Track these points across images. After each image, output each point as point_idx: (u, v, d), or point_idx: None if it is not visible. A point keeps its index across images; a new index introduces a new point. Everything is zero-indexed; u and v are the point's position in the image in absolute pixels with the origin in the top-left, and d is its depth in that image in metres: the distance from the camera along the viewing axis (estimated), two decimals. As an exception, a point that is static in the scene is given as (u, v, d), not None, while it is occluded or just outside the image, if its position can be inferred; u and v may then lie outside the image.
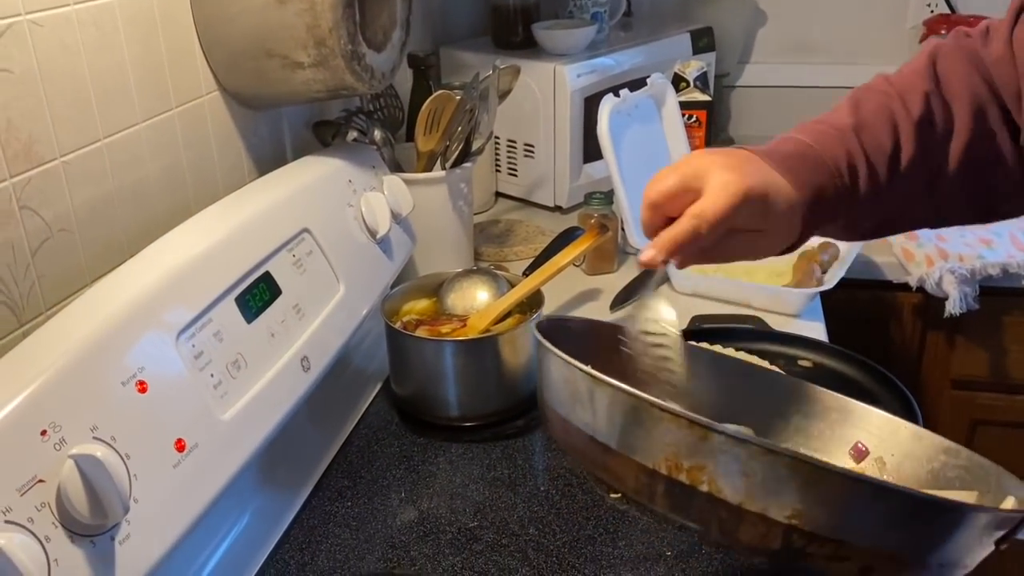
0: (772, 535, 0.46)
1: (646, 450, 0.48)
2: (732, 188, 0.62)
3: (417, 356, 0.98)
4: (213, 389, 0.70)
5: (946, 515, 0.48)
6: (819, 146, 0.69)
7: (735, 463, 0.46)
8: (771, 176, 0.65)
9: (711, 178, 0.63)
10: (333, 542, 0.82)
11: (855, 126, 0.70)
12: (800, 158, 0.68)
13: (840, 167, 0.68)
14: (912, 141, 0.69)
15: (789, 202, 0.65)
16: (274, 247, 0.82)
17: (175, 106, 0.87)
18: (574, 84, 1.44)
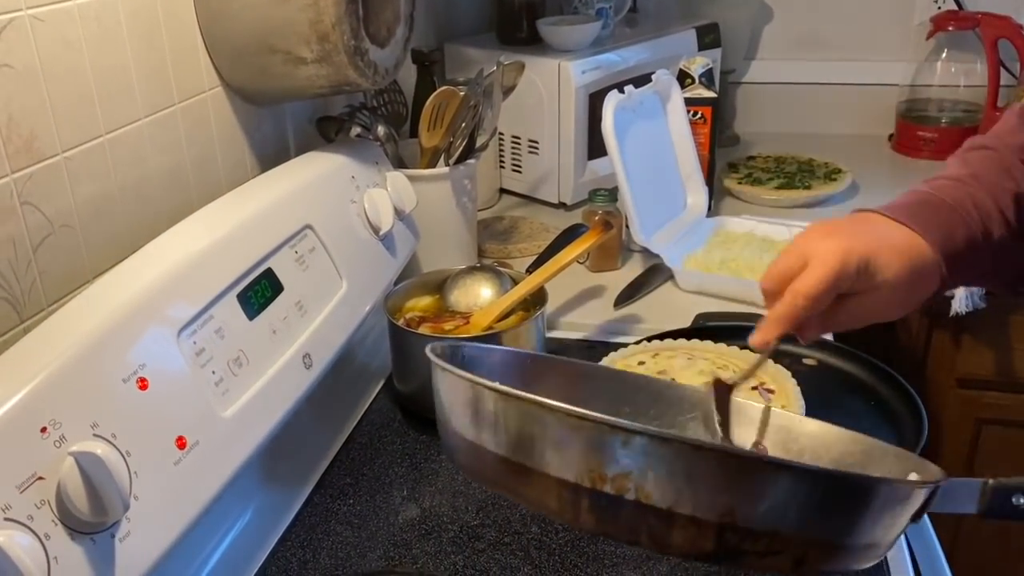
0: (705, 536, 0.45)
1: (566, 463, 0.46)
2: (829, 258, 0.63)
3: (419, 353, 0.97)
4: (214, 386, 0.70)
5: (872, 492, 0.49)
6: (940, 193, 0.68)
7: (662, 465, 0.44)
8: (885, 234, 0.65)
9: (814, 251, 0.64)
10: (335, 540, 0.82)
11: (972, 175, 0.70)
12: (922, 205, 0.68)
13: (966, 207, 0.67)
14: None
15: (907, 255, 0.65)
16: (276, 243, 0.82)
17: (178, 102, 0.87)
18: (579, 80, 1.43)
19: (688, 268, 1.25)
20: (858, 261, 0.63)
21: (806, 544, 0.47)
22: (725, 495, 0.44)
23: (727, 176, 1.61)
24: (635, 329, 1.15)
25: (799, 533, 0.46)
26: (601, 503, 0.45)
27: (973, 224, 0.67)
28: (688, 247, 1.31)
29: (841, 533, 0.49)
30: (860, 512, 0.49)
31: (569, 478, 0.45)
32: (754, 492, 0.45)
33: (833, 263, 0.62)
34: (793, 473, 0.47)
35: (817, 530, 0.48)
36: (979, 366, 1.40)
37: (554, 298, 1.21)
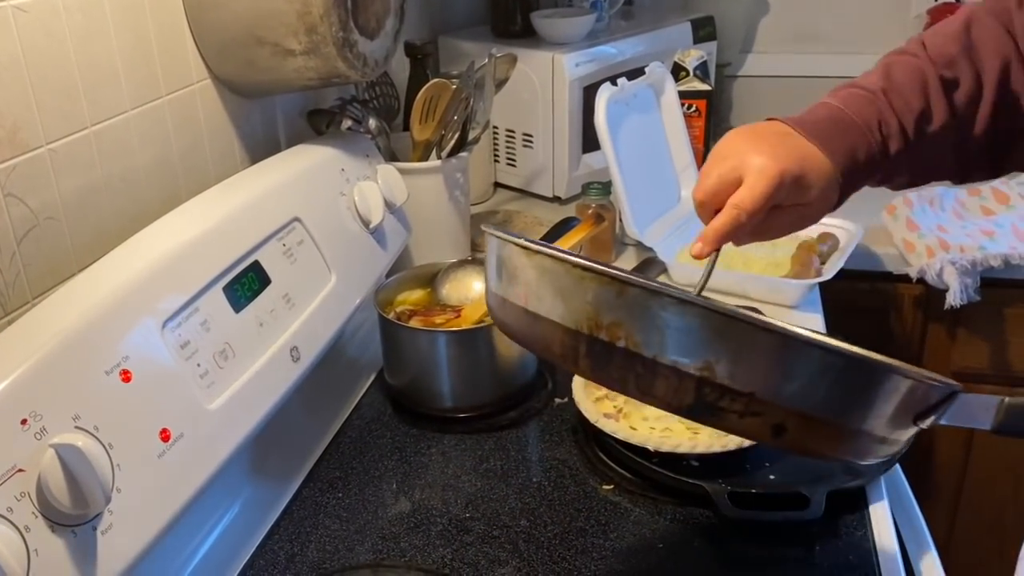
0: (685, 388, 0.48)
1: (570, 312, 0.50)
2: (768, 172, 0.66)
3: (410, 347, 0.97)
4: (199, 379, 0.69)
5: (857, 373, 0.48)
6: (850, 109, 0.72)
7: (649, 315, 0.47)
8: (805, 152, 0.69)
9: (747, 166, 0.67)
10: (323, 533, 0.82)
11: (885, 89, 0.73)
12: (833, 123, 0.71)
13: (872, 128, 0.71)
14: (941, 105, 0.72)
15: (825, 174, 0.69)
16: (264, 236, 0.81)
17: (165, 94, 0.87)
18: (573, 73, 1.43)
19: (681, 261, 1.24)
20: (791, 179, 0.67)
21: (788, 414, 0.48)
22: (704, 349, 0.47)
23: (722, 169, 1.60)
24: (628, 322, 1.15)
25: (777, 399, 0.47)
26: (596, 349, 0.49)
27: (874, 144, 0.71)
28: (682, 240, 1.30)
29: (824, 409, 0.49)
30: (847, 391, 0.48)
31: (570, 325, 0.50)
32: (731, 350, 0.47)
33: (772, 179, 0.66)
34: (772, 336, 0.47)
35: (798, 400, 0.48)
36: (974, 359, 1.39)
37: (547, 291, 1.21)
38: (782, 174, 0.66)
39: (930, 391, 0.53)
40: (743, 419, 0.48)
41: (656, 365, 0.48)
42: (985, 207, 1.40)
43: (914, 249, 1.30)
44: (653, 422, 0.89)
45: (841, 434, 0.50)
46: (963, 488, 1.48)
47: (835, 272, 1.15)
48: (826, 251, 1.23)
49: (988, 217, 1.38)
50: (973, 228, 1.34)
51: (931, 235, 1.31)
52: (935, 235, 1.31)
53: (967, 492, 1.48)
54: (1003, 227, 1.33)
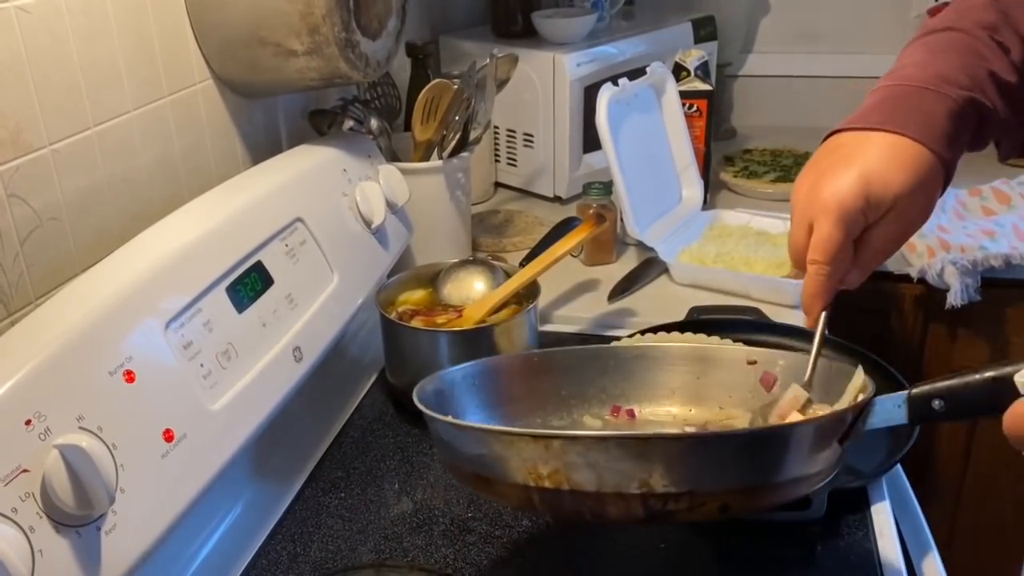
0: (633, 506, 0.53)
1: (511, 470, 0.55)
2: (828, 210, 0.60)
3: (412, 347, 0.97)
4: (203, 379, 0.69)
5: (765, 443, 0.55)
6: (906, 81, 0.64)
7: (579, 458, 0.53)
8: (866, 153, 0.61)
9: (812, 209, 0.62)
10: (325, 533, 0.82)
11: (938, 54, 0.66)
12: (891, 101, 0.64)
13: (938, 84, 0.63)
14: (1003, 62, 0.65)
15: (902, 160, 0.61)
16: (266, 236, 0.82)
17: (167, 94, 0.87)
18: (574, 73, 1.43)
19: (683, 261, 1.25)
20: (855, 197, 0.60)
21: (726, 493, 0.54)
22: (636, 470, 0.52)
23: (723, 169, 1.61)
24: (629, 323, 1.15)
25: (712, 488, 0.53)
26: (547, 496, 0.55)
27: (949, 97, 0.63)
28: (683, 240, 1.30)
29: (754, 479, 0.54)
30: (766, 459, 0.54)
31: (517, 480, 0.55)
32: (659, 463, 0.52)
33: (833, 214, 0.60)
34: (686, 441, 0.55)
35: (736, 479, 0.54)
36: (975, 360, 1.39)
37: (548, 291, 1.21)
38: (841, 199, 0.59)
39: (840, 420, 0.56)
40: (692, 512, 0.53)
41: (601, 496, 0.53)
42: (986, 207, 1.40)
43: (915, 249, 1.31)
44: (654, 422, 0.89)
45: (778, 488, 0.55)
46: (964, 488, 1.48)
47: (836, 272, 1.15)
48: (827, 251, 1.23)
49: (989, 217, 1.38)
50: (974, 228, 1.34)
51: (932, 235, 1.31)
52: (936, 235, 1.31)
53: (968, 492, 1.48)
54: (1004, 227, 1.33)
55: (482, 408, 0.73)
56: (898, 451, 0.86)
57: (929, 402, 0.56)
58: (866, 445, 0.88)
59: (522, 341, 0.99)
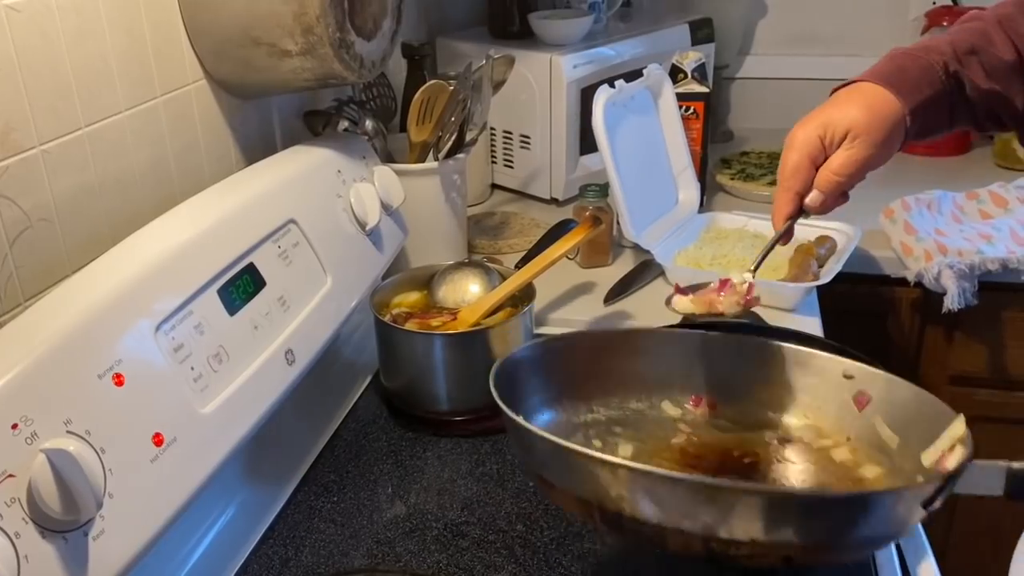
0: (693, 544, 0.52)
1: (578, 486, 0.56)
2: (793, 140, 0.80)
3: (406, 349, 0.97)
4: (193, 382, 0.69)
5: (843, 507, 0.52)
6: (914, 51, 0.80)
7: (644, 492, 0.52)
8: (837, 102, 0.79)
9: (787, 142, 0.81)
10: (318, 537, 0.81)
11: (948, 41, 0.80)
12: (898, 69, 0.79)
13: (927, 53, 0.79)
14: (1002, 38, 0.78)
15: (880, 109, 0.77)
16: (259, 238, 0.81)
17: (160, 95, 0.86)
18: (570, 75, 1.42)
19: (679, 264, 1.24)
20: (814, 127, 0.78)
21: (791, 547, 0.52)
22: (701, 515, 0.51)
23: (720, 172, 1.60)
24: (625, 325, 1.14)
25: (776, 541, 0.51)
26: (607, 515, 0.54)
27: (923, 59, 0.79)
28: (680, 243, 1.30)
29: (823, 538, 0.52)
30: (839, 522, 0.51)
31: (580, 495, 0.55)
32: (723, 512, 0.51)
33: (794, 141, 0.79)
34: (756, 497, 0.52)
35: (796, 537, 0.51)
36: (972, 363, 1.39)
37: (544, 294, 1.20)
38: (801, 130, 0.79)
39: (924, 488, 0.54)
40: (752, 559, 0.52)
41: (663, 528, 0.53)
42: (983, 211, 1.40)
43: (912, 252, 1.30)
44: (650, 426, 0.88)
45: (847, 548, 0.54)
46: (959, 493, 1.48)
47: (832, 276, 1.15)
48: (824, 254, 1.23)
49: (986, 221, 1.38)
50: (971, 232, 1.33)
51: (929, 239, 1.31)
52: (933, 239, 1.31)
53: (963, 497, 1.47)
54: (1001, 231, 1.33)
55: (557, 387, 0.73)
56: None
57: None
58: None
59: (517, 343, 0.98)
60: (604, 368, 0.74)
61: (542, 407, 0.71)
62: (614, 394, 0.74)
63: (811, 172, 0.77)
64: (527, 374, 0.72)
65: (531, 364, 0.72)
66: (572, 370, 0.74)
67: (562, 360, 0.74)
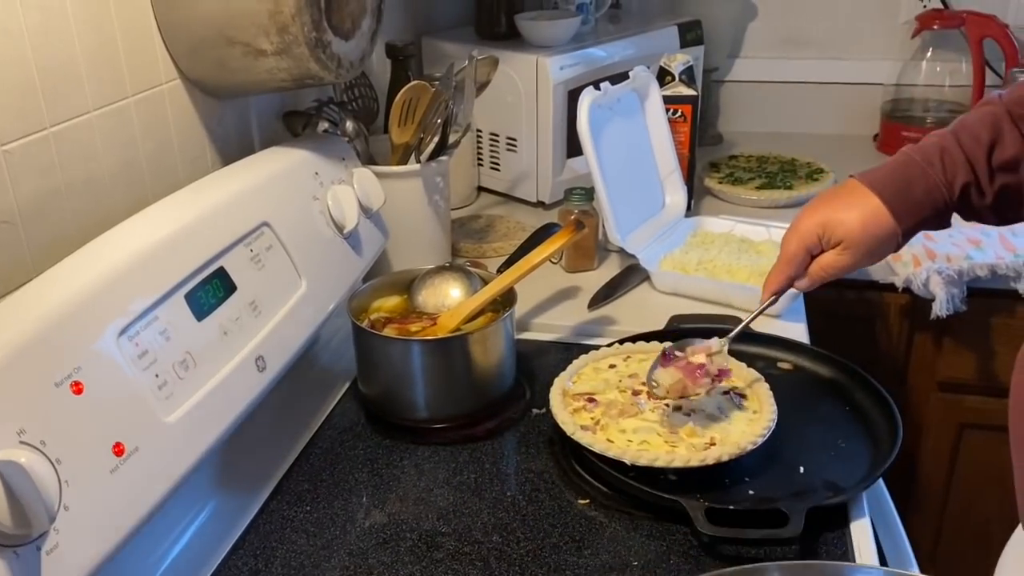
0: None
1: None
2: (796, 231, 0.86)
3: (384, 356, 0.95)
4: (157, 390, 0.67)
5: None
6: (916, 152, 0.82)
7: None
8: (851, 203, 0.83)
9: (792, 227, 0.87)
10: (289, 548, 0.79)
11: (955, 130, 0.82)
12: (897, 175, 0.83)
13: (932, 162, 0.81)
14: (1013, 135, 0.79)
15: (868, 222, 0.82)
16: (230, 241, 0.79)
17: (131, 95, 0.84)
18: (557, 77, 1.41)
19: (664, 269, 1.23)
20: (815, 226, 0.84)
21: None
22: None
23: (708, 175, 1.59)
24: (608, 331, 1.13)
25: None
26: None
27: (936, 180, 0.81)
28: (666, 247, 1.28)
29: None
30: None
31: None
32: None
33: (796, 233, 0.86)
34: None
35: None
36: (961, 370, 1.38)
37: (528, 299, 1.19)
38: (804, 226, 0.85)
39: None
40: None
41: None
42: (972, 216, 1.39)
43: (900, 258, 1.29)
44: (631, 435, 0.87)
45: None
46: (949, 500, 1.46)
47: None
48: (811, 259, 1.21)
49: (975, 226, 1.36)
50: (960, 237, 1.32)
51: (917, 244, 1.29)
52: (921, 244, 1.30)
53: (953, 504, 1.46)
54: (990, 236, 1.31)
55: None
56: (880, 464, 0.84)
57: None
58: (847, 459, 0.86)
59: (498, 350, 0.96)
60: None
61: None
62: None
63: (806, 260, 0.86)
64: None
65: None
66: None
67: None
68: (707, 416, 0.88)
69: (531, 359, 1.07)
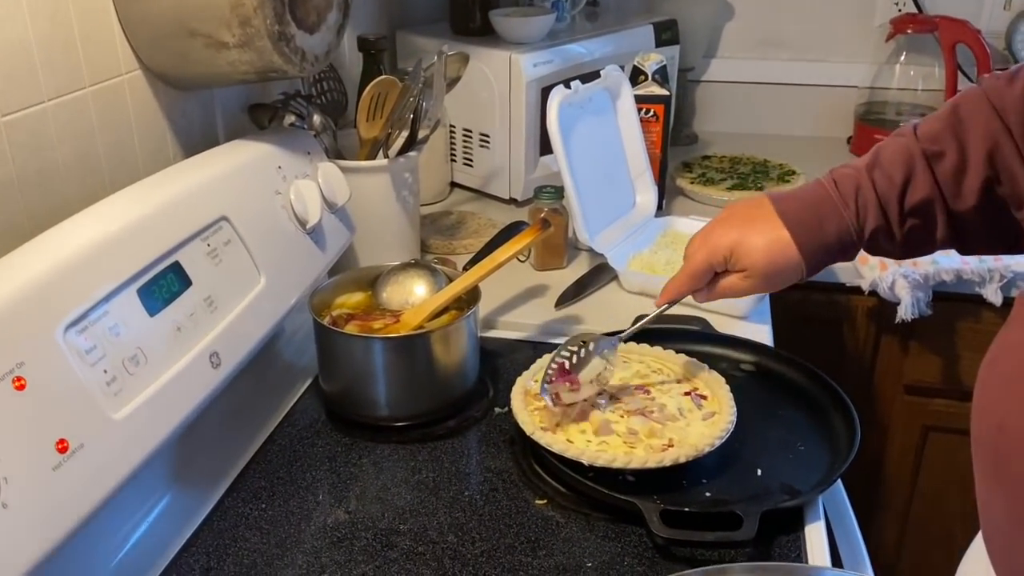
0: None
1: None
2: (703, 249, 0.85)
3: (345, 353, 0.94)
4: (105, 386, 0.66)
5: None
6: (831, 187, 0.81)
7: None
8: (761, 229, 0.82)
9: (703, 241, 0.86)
10: (242, 546, 0.78)
11: (870, 166, 0.80)
12: (811, 208, 0.81)
13: (848, 203, 0.79)
14: (924, 176, 0.77)
15: (773, 252, 0.81)
16: (186, 235, 0.78)
17: (88, 85, 0.83)
18: (530, 74, 1.40)
19: (632, 269, 1.22)
20: (724, 249, 0.83)
21: None
22: None
23: (680, 175, 1.59)
24: (574, 330, 1.12)
25: None
26: None
27: (848, 220, 0.79)
28: (635, 247, 1.28)
29: None
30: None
31: None
32: None
33: (703, 251, 0.85)
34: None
35: None
36: (926, 373, 1.38)
37: (495, 296, 1.18)
38: (714, 247, 0.84)
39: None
40: None
41: None
42: (940, 220, 1.39)
43: (867, 261, 1.29)
44: (590, 435, 0.86)
45: None
46: (913, 502, 1.47)
47: (785, 284, 1.13)
48: (779, 261, 1.21)
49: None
50: (927, 241, 1.33)
51: (885, 247, 1.30)
52: (889, 247, 1.30)
53: (917, 506, 1.47)
54: (957, 241, 1.32)
55: None
56: (838, 468, 0.85)
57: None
58: (805, 463, 0.86)
59: (460, 348, 0.96)
60: None
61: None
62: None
63: (709, 276, 0.86)
64: None
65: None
66: None
67: None
68: (666, 416, 0.88)
69: (497, 357, 1.06)
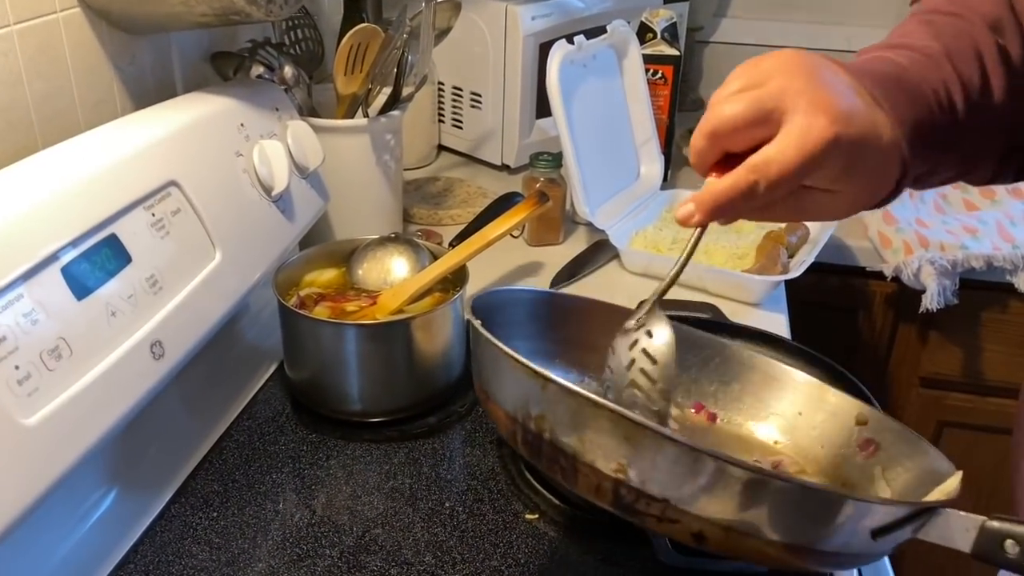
0: (604, 488, 0.48)
1: (508, 397, 0.53)
2: (815, 136, 0.48)
3: (312, 340, 0.83)
4: (16, 385, 0.55)
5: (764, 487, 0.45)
6: (915, 71, 0.56)
7: (567, 413, 0.49)
8: (870, 113, 0.51)
9: (793, 114, 0.48)
10: (188, 563, 0.68)
11: (945, 55, 0.58)
12: (896, 82, 0.55)
13: (940, 98, 0.56)
14: (999, 73, 0.59)
15: (887, 145, 0.52)
16: (125, 204, 0.66)
17: (13, 22, 0.70)
18: (528, 28, 1.28)
19: (635, 248, 1.12)
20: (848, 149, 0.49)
21: (702, 522, 0.46)
22: (617, 452, 0.47)
23: (687, 144, 1.47)
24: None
25: (690, 509, 0.46)
26: (528, 436, 0.51)
27: (943, 120, 0.56)
28: (638, 222, 1.17)
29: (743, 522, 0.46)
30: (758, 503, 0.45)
31: (509, 410, 0.52)
32: (642, 456, 0.46)
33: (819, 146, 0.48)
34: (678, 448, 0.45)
35: (712, 510, 0.46)
36: (945, 365, 1.29)
37: (486, 274, 1.08)
38: (835, 140, 0.48)
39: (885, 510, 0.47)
40: (661, 523, 0.47)
41: (576, 461, 0.48)
42: (968, 201, 1.29)
43: (890, 244, 1.19)
44: (589, 440, 0.76)
45: (768, 545, 0.46)
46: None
47: (803, 269, 1.03)
48: (795, 243, 1.11)
49: (971, 213, 1.27)
50: (955, 224, 1.23)
51: (909, 230, 1.20)
52: (914, 230, 1.20)
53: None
54: (987, 224, 1.22)
55: (552, 345, 0.69)
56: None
57: (1002, 541, 0.47)
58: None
59: (444, 336, 0.85)
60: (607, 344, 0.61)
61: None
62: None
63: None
64: (521, 316, 0.68)
65: (529, 307, 0.70)
66: (573, 334, 0.70)
67: (567, 318, 0.71)
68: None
69: (484, 343, 0.96)
